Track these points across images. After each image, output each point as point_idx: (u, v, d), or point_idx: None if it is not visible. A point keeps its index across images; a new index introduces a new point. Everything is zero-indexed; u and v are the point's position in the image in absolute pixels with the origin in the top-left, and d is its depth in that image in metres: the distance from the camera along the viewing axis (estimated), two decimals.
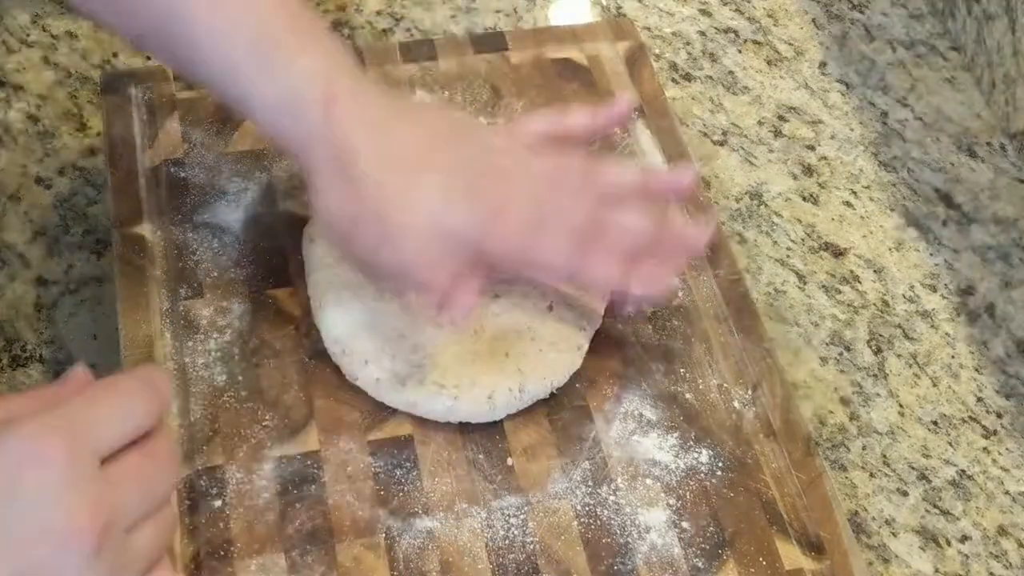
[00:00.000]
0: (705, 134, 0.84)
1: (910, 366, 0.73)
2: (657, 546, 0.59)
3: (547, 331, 0.64)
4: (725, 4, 0.92)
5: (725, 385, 0.65)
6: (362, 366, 0.63)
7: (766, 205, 0.80)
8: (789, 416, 0.64)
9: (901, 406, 0.71)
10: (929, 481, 0.68)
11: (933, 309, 0.76)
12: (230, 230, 0.69)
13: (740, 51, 0.89)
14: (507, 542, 0.59)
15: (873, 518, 0.66)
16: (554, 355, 0.64)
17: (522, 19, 0.89)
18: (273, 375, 0.64)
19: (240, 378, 0.63)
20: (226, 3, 0.56)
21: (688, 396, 0.65)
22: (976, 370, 0.73)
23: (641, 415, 0.64)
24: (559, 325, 0.65)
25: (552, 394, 0.64)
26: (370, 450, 0.61)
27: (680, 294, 0.69)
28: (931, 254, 0.79)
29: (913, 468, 0.69)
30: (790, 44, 0.90)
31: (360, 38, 0.85)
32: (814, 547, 0.60)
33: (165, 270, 0.67)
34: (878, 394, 0.71)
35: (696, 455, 0.63)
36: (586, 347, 0.65)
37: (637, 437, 0.63)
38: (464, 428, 0.63)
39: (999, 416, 0.71)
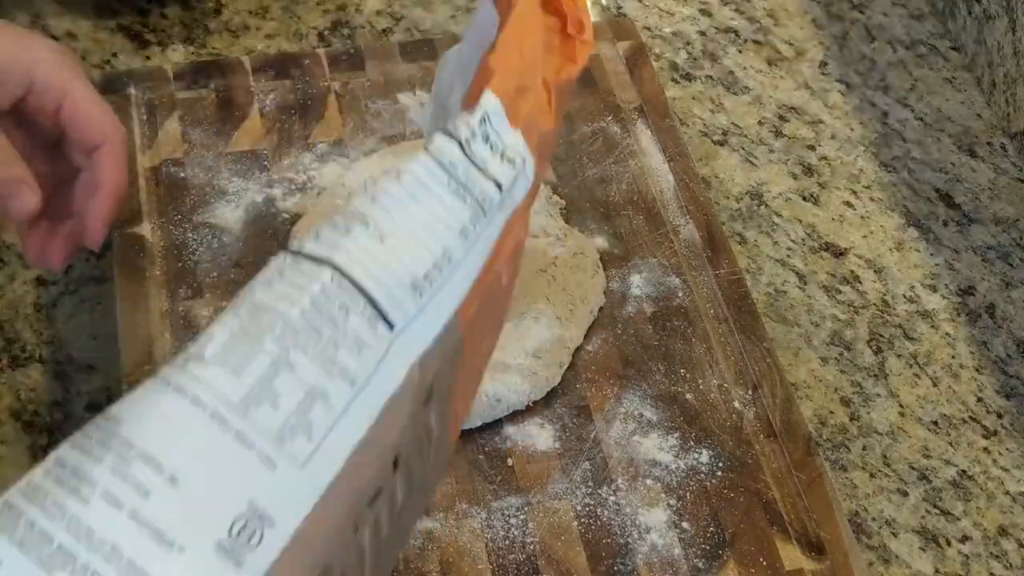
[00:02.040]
0: (705, 134, 0.83)
1: (910, 366, 0.73)
2: (657, 546, 0.59)
3: (531, 342, 0.64)
4: (725, 4, 0.92)
5: (725, 385, 0.65)
6: None
7: (766, 205, 0.80)
8: (789, 416, 0.64)
9: (901, 406, 0.71)
10: (929, 481, 0.68)
11: (933, 309, 0.76)
12: (230, 230, 0.69)
13: (740, 51, 0.89)
14: (507, 542, 0.59)
15: (873, 518, 0.66)
16: (537, 368, 0.63)
17: None
18: None
19: None
20: None
21: (688, 396, 0.65)
22: (976, 370, 0.73)
23: (641, 415, 0.64)
24: (545, 337, 0.64)
25: (552, 394, 0.64)
26: None
27: (680, 294, 0.69)
28: (931, 254, 0.79)
29: (913, 468, 0.69)
30: (790, 44, 0.90)
31: (360, 38, 0.85)
32: (814, 547, 0.60)
33: (165, 270, 0.67)
34: (878, 394, 0.71)
35: (696, 455, 0.63)
36: (567, 363, 0.65)
37: (637, 437, 0.63)
38: (464, 428, 0.63)
39: (999, 416, 0.71)
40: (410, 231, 0.40)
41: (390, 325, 0.38)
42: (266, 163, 0.72)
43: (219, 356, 0.36)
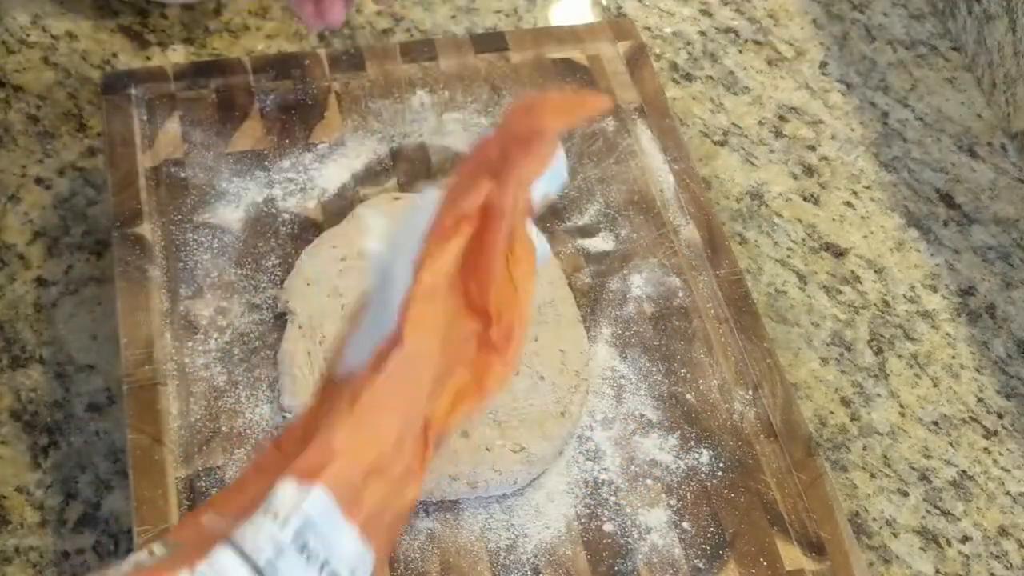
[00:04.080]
0: (705, 134, 0.83)
1: (911, 366, 0.73)
2: (658, 547, 0.59)
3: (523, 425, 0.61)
4: (725, 4, 0.92)
5: (726, 385, 0.65)
6: None
7: (767, 205, 0.80)
8: (790, 416, 0.64)
9: (902, 406, 0.71)
10: (930, 482, 0.68)
11: (934, 309, 0.76)
12: (230, 230, 0.69)
13: (741, 51, 0.89)
14: (507, 543, 0.59)
15: (874, 519, 0.66)
16: (514, 457, 0.60)
17: (522, 19, 0.88)
18: (273, 375, 0.63)
19: (240, 378, 0.63)
20: None
21: (689, 396, 0.65)
22: (977, 370, 0.73)
23: (642, 415, 0.64)
24: (536, 421, 0.61)
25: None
26: None
27: (680, 294, 0.69)
28: (932, 254, 0.79)
29: (914, 468, 0.69)
30: (791, 44, 0.90)
31: (360, 38, 0.85)
32: (815, 548, 0.60)
33: (165, 270, 0.67)
34: (879, 394, 0.71)
35: (697, 455, 0.63)
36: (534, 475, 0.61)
37: (638, 437, 0.63)
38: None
39: (1000, 416, 0.71)
40: None
41: None
42: (266, 163, 0.72)
43: None
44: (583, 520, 0.60)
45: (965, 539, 0.66)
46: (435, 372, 0.36)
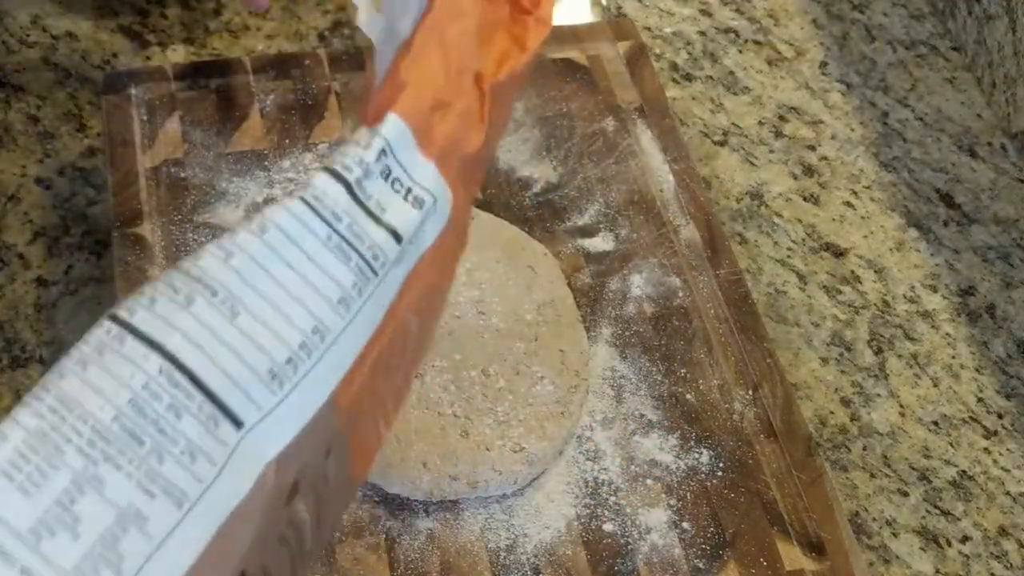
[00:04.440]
0: (705, 134, 0.83)
1: (911, 366, 0.73)
2: (658, 547, 0.59)
3: (525, 420, 0.61)
4: (725, 4, 0.92)
5: (726, 386, 0.65)
6: None
7: (767, 205, 0.80)
8: (790, 417, 0.64)
9: (902, 407, 0.71)
10: (930, 482, 0.68)
11: (934, 309, 0.76)
12: (230, 230, 0.69)
13: (741, 51, 0.89)
14: (507, 543, 0.59)
15: (874, 519, 0.66)
16: (514, 457, 0.60)
17: None
18: None
19: None
20: None
21: (689, 396, 0.65)
22: (977, 370, 0.73)
23: (642, 415, 0.64)
24: (541, 415, 0.61)
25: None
26: None
27: (680, 294, 0.69)
28: (932, 254, 0.79)
29: (914, 469, 0.69)
30: (791, 44, 0.90)
31: (360, 38, 0.85)
32: (815, 548, 0.60)
33: (165, 270, 0.67)
34: (879, 394, 0.71)
35: (697, 455, 0.63)
36: (535, 473, 0.61)
37: (638, 438, 0.63)
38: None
39: (1000, 417, 0.71)
40: (271, 302, 0.32)
41: (237, 423, 0.31)
42: (266, 163, 0.72)
43: (6, 468, 0.29)
44: (583, 520, 0.60)
45: (965, 539, 0.66)
46: (479, 21, 0.38)
